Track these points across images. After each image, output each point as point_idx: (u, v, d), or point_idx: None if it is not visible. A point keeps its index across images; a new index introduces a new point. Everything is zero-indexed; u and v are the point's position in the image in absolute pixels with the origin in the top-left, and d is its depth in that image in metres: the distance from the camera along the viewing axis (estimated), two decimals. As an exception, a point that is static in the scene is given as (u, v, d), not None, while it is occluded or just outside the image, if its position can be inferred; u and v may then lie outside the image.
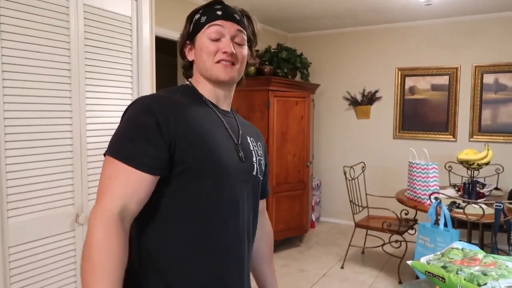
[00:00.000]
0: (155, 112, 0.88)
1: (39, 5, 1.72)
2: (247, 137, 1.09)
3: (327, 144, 5.05)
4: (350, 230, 4.00)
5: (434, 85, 4.41)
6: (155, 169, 0.88)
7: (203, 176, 0.92)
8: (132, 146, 0.88)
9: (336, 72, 4.92)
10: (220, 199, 0.94)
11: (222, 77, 0.99)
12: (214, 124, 0.99)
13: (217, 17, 0.99)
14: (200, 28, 1.00)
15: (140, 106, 0.92)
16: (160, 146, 0.87)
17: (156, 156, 0.87)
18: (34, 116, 1.73)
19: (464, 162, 3.16)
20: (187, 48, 1.05)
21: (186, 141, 0.90)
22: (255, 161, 1.06)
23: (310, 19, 4.37)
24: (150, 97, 0.95)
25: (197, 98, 1.02)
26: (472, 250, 1.06)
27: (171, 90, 1.03)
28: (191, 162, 0.91)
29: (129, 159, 0.86)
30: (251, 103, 3.80)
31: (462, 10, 3.91)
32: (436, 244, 2.28)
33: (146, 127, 0.88)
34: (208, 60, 0.99)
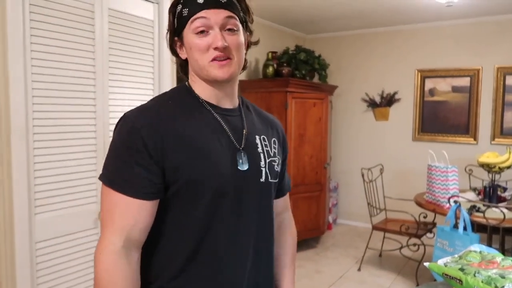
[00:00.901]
0: (140, 132, 0.82)
1: (67, 9, 1.79)
2: (256, 137, 0.98)
3: (344, 146, 5.03)
4: (367, 232, 3.97)
5: (454, 87, 4.34)
6: (152, 194, 0.84)
7: (199, 195, 0.86)
8: (124, 172, 0.83)
9: (355, 73, 4.90)
10: (220, 217, 0.88)
11: (220, 76, 0.88)
12: (211, 131, 0.89)
13: (199, 7, 0.86)
14: (184, 23, 0.88)
15: (125, 126, 0.85)
16: (152, 168, 0.82)
17: (150, 180, 0.82)
18: (60, 116, 1.79)
19: (485, 165, 3.11)
20: (177, 45, 0.94)
21: (176, 159, 0.84)
22: (263, 165, 0.95)
23: (328, 21, 4.36)
24: (135, 113, 0.86)
25: (192, 102, 0.92)
26: (490, 253, 1.05)
27: (163, 97, 0.95)
28: (183, 181, 0.84)
29: (124, 188, 0.82)
30: (269, 105, 3.83)
31: (484, 10, 3.84)
32: (455, 247, 2.26)
33: (134, 150, 0.82)
34: (200, 59, 0.88)
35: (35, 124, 1.70)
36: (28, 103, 1.67)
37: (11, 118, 1.62)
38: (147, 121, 0.84)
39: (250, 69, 4.14)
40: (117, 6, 2.00)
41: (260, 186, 0.95)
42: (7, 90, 1.61)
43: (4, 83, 1.61)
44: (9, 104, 1.62)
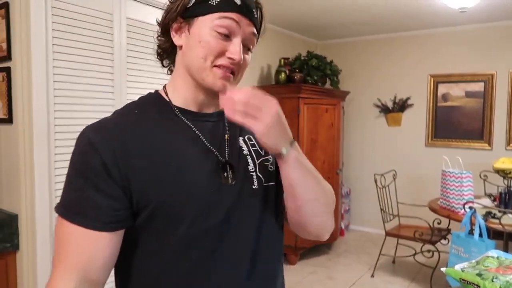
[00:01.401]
0: (98, 149, 0.68)
1: (87, 19, 1.85)
2: (239, 139, 0.83)
3: (357, 151, 5.02)
4: (381, 238, 3.95)
5: (468, 92, 4.31)
6: (114, 223, 0.69)
7: (175, 219, 0.71)
8: (78, 198, 0.69)
9: (367, 79, 4.90)
10: (203, 241, 0.73)
11: (217, 87, 0.75)
12: (186, 143, 0.76)
13: (234, 6, 0.73)
14: (207, 11, 0.73)
15: (81, 142, 0.71)
16: (113, 193, 0.68)
17: (110, 207, 0.68)
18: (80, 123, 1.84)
19: (500, 171, 3.08)
20: (176, 25, 0.77)
21: (145, 180, 0.70)
22: (252, 170, 0.81)
23: (340, 26, 4.38)
24: (94, 127, 0.73)
25: (163, 110, 0.78)
26: (508, 259, 1.06)
27: (128, 107, 0.80)
28: (155, 205, 0.70)
29: (76, 217, 0.68)
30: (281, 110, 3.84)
31: (497, 15, 3.82)
32: (471, 254, 2.24)
33: (91, 170, 0.68)
34: (205, 59, 0.74)
35: (56, 131, 1.75)
36: (50, 109, 1.72)
37: (33, 122, 1.67)
38: (106, 135, 0.70)
39: (262, 75, 4.18)
40: (134, 15, 2.06)
41: (254, 196, 0.80)
42: (30, 96, 1.67)
43: (28, 89, 1.67)
44: (31, 109, 1.67)
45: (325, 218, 0.82)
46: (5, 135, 1.80)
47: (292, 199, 0.77)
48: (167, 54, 0.83)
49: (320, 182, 0.79)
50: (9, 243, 1.75)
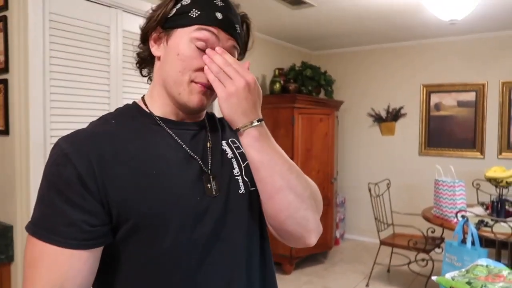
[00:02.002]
0: (72, 160, 0.64)
1: (84, 32, 1.88)
2: (222, 143, 0.81)
3: (351, 160, 5.06)
4: (375, 247, 3.96)
5: (460, 102, 4.37)
6: (88, 241, 0.64)
7: (160, 230, 0.67)
8: (50, 214, 0.64)
9: (360, 89, 4.96)
10: (190, 252, 0.69)
11: (193, 103, 0.72)
12: (168, 151, 0.72)
13: (215, 20, 0.71)
14: (187, 23, 0.71)
15: (54, 154, 0.66)
16: (89, 206, 0.63)
17: (86, 222, 0.63)
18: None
19: (492, 179, 3.12)
20: (155, 34, 0.74)
21: (124, 192, 0.65)
22: (237, 173, 0.78)
23: (334, 37, 4.44)
24: (67, 137, 0.68)
25: (143, 119, 0.75)
26: (497, 267, 1.08)
27: (105, 117, 0.76)
28: (137, 217, 0.66)
29: (48, 234, 0.63)
30: (276, 120, 3.88)
31: (488, 26, 3.90)
32: (464, 262, 2.26)
33: (64, 183, 0.63)
34: (182, 73, 0.71)
35: (52, 142, 1.76)
36: (46, 121, 1.74)
37: (30, 134, 1.68)
38: (81, 146, 0.66)
39: (257, 85, 4.21)
40: (130, 28, 2.08)
41: (241, 201, 0.76)
42: (27, 108, 1.68)
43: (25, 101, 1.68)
44: (28, 121, 1.69)
45: (304, 213, 0.72)
46: (2, 146, 1.81)
47: (261, 187, 0.72)
48: (145, 64, 0.81)
49: (294, 171, 0.73)
50: (4, 254, 1.75)
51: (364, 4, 3.19)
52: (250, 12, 0.83)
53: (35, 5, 1.67)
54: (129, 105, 0.79)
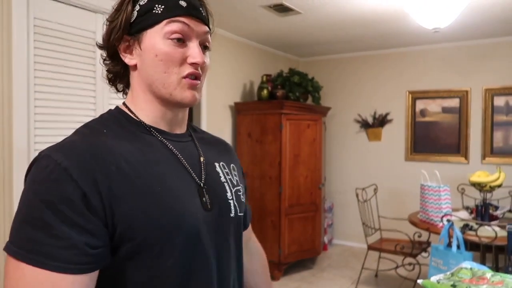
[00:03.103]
0: (73, 176, 0.57)
1: (69, 37, 1.86)
2: (215, 164, 0.79)
3: (339, 166, 5.09)
4: (363, 252, 3.98)
5: (445, 108, 4.45)
6: (89, 264, 0.58)
7: (164, 251, 0.64)
8: (44, 236, 0.55)
9: (347, 95, 5.01)
10: (189, 273, 0.67)
11: (187, 100, 0.70)
12: (167, 165, 0.69)
13: (181, 9, 0.68)
14: (154, 21, 0.68)
15: (45, 168, 0.58)
16: (92, 227, 0.58)
17: (88, 245, 0.57)
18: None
19: (476, 184, 3.17)
20: (123, 44, 0.70)
21: (130, 208, 0.61)
22: (230, 198, 0.77)
23: (321, 44, 4.49)
24: (63, 150, 0.61)
25: (136, 130, 0.70)
26: (480, 270, 1.10)
27: (94, 126, 0.69)
28: (143, 235, 0.62)
29: (41, 259, 0.55)
30: (264, 126, 3.89)
31: (470, 34, 3.99)
32: (449, 266, 2.29)
33: (65, 202, 0.56)
34: (169, 72, 0.68)
35: (36, 148, 1.73)
36: (30, 128, 1.71)
37: (14, 141, 1.66)
38: (83, 160, 0.60)
39: (245, 91, 4.23)
40: (117, 33, 2.08)
41: (231, 224, 0.76)
42: (11, 116, 1.66)
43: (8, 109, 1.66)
44: (12, 129, 1.66)
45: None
46: (-16, 153, 1.77)
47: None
48: (120, 78, 0.75)
49: None
50: (-14, 263, 1.70)
51: (350, 12, 3.24)
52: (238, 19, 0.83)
53: (19, 10, 1.66)
54: (113, 112, 0.73)
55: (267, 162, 3.88)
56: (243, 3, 2.99)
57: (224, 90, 3.90)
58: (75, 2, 1.87)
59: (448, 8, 2.74)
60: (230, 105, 4.00)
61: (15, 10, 1.64)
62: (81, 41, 1.91)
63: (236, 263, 0.78)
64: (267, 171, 3.88)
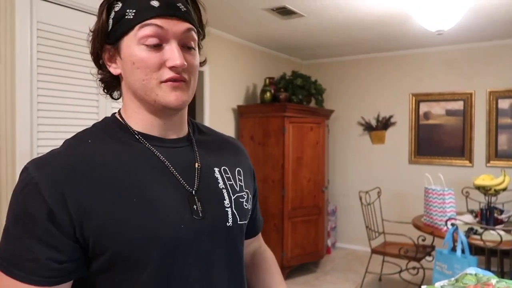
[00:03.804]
0: (41, 190, 0.58)
1: (71, 41, 1.86)
2: (214, 170, 0.76)
3: (342, 169, 5.07)
4: (367, 256, 3.96)
5: (448, 111, 4.43)
6: (55, 278, 0.59)
7: (138, 265, 0.63)
8: (16, 248, 0.59)
9: (350, 97, 5.00)
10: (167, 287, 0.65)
11: (172, 103, 0.67)
12: (151, 173, 0.67)
13: (152, 11, 0.65)
14: (127, 28, 0.65)
15: (22, 181, 0.61)
16: (57, 243, 0.59)
17: (53, 259, 0.58)
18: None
19: (481, 187, 3.15)
20: (106, 54, 0.69)
21: (102, 223, 0.60)
22: (228, 205, 0.73)
23: (323, 47, 4.48)
24: (39, 162, 0.63)
25: (123, 137, 0.70)
26: (486, 276, 1.08)
27: (81, 136, 0.70)
28: (115, 249, 0.61)
29: (12, 269, 0.58)
30: (267, 129, 3.89)
31: (474, 37, 3.97)
32: (454, 271, 2.27)
33: (31, 217, 0.58)
34: (147, 79, 0.66)
35: (39, 152, 1.73)
36: (33, 130, 1.71)
37: (17, 144, 1.66)
38: (53, 174, 0.60)
39: (248, 94, 4.22)
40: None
41: (227, 233, 0.72)
42: (14, 118, 1.66)
43: (11, 111, 1.66)
44: (15, 131, 1.66)
45: None
46: (-13, 156, 1.78)
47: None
48: (112, 86, 0.75)
49: None
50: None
51: (353, 15, 3.23)
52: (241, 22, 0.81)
53: (22, 14, 1.66)
54: (107, 120, 0.74)
55: (270, 165, 3.87)
56: (246, 6, 3.00)
57: (227, 93, 3.90)
58: (78, 5, 1.88)
59: (452, 10, 2.73)
60: (233, 108, 4.00)
61: (18, 13, 1.65)
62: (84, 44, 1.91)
63: (231, 273, 0.74)
64: (270, 174, 3.88)
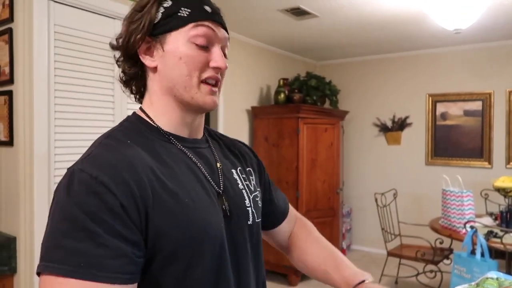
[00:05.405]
0: (111, 189, 0.57)
1: (88, 43, 1.89)
2: (232, 171, 0.79)
3: (357, 170, 5.02)
4: (382, 258, 3.90)
5: (466, 111, 4.34)
6: (135, 274, 0.58)
7: (193, 262, 0.64)
8: (89, 248, 0.54)
9: (365, 98, 4.94)
10: (218, 282, 0.67)
11: (208, 105, 0.70)
12: (189, 174, 0.69)
13: (207, 14, 0.69)
14: (180, 24, 0.67)
15: (86, 183, 0.57)
16: (134, 237, 0.58)
17: (133, 254, 0.57)
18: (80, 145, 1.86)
19: (500, 189, 3.07)
20: (144, 46, 0.69)
21: (162, 220, 0.61)
22: (248, 205, 0.77)
23: (338, 48, 4.45)
24: (95, 163, 0.60)
25: (155, 138, 0.70)
26: (508, 280, 1.05)
27: (117, 138, 0.67)
28: (172, 247, 0.62)
29: (95, 272, 0.54)
30: (281, 130, 3.87)
31: (493, 35, 3.88)
32: (473, 274, 2.22)
33: (110, 213, 0.56)
34: (191, 75, 0.68)
35: (56, 153, 1.76)
36: (51, 132, 1.74)
37: (34, 145, 1.68)
38: (114, 171, 0.59)
39: (262, 95, 4.22)
40: (135, 39, 2.10)
41: (249, 231, 0.76)
42: (32, 120, 1.69)
43: (29, 113, 1.69)
44: (32, 132, 1.69)
45: None
46: (6, 157, 1.81)
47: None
48: (136, 80, 0.74)
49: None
50: (7, 266, 1.74)
51: (368, 15, 3.20)
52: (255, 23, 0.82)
53: (40, 17, 1.69)
54: (132, 119, 0.73)
55: (284, 166, 3.85)
56: (260, 8, 2.99)
57: (241, 94, 3.90)
58: (94, 8, 1.90)
59: (470, 8, 2.68)
60: (247, 109, 4.00)
61: (36, 16, 1.68)
62: (100, 47, 1.94)
63: (255, 264, 0.78)
64: (284, 176, 3.86)
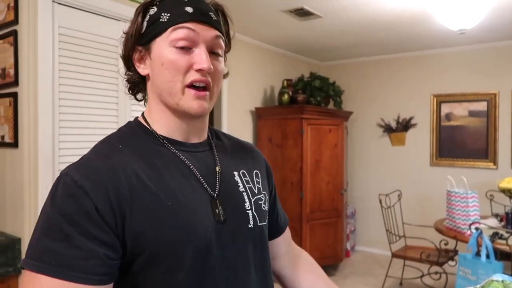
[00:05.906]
0: (88, 192, 0.60)
1: (92, 45, 1.90)
2: (234, 173, 0.79)
3: (361, 171, 5.00)
4: (387, 260, 3.89)
5: (471, 112, 4.31)
6: (107, 275, 0.60)
7: (174, 266, 0.64)
8: (63, 247, 0.57)
9: (370, 99, 4.93)
10: (200, 285, 0.67)
11: (194, 110, 0.69)
12: (180, 178, 0.69)
13: (186, 16, 0.68)
14: (161, 30, 0.69)
15: (64, 184, 0.61)
16: (108, 239, 0.60)
17: (106, 256, 0.59)
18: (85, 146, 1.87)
19: (506, 190, 3.05)
20: (136, 54, 0.72)
21: (140, 224, 0.62)
22: (248, 208, 0.76)
23: (342, 48, 4.44)
24: (79, 168, 0.64)
25: (149, 142, 0.72)
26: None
27: (110, 141, 0.71)
28: (152, 249, 0.63)
29: (65, 271, 0.56)
30: (285, 131, 3.87)
31: (498, 36, 3.86)
32: (478, 276, 2.20)
33: (83, 215, 0.59)
34: (174, 80, 0.68)
35: (61, 154, 1.77)
36: (55, 134, 1.75)
37: (39, 147, 1.69)
38: (94, 177, 0.62)
39: (266, 96, 4.22)
40: (139, 41, 2.11)
41: (249, 235, 0.75)
42: (36, 122, 1.70)
43: (34, 114, 1.70)
44: (37, 134, 1.70)
45: None
46: (11, 159, 1.82)
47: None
48: (138, 87, 0.77)
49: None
50: (12, 267, 1.75)
51: (372, 15, 3.19)
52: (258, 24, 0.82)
53: (44, 19, 1.70)
54: (131, 124, 0.76)
55: (288, 167, 3.85)
56: (264, 8, 2.99)
57: (245, 95, 3.90)
58: (98, 10, 1.91)
59: (474, 8, 2.66)
60: (251, 110, 4.00)
61: (40, 19, 1.69)
62: (105, 48, 1.95)
63: (258, 274, 0.77)
64: (288, 177, 3.85)
